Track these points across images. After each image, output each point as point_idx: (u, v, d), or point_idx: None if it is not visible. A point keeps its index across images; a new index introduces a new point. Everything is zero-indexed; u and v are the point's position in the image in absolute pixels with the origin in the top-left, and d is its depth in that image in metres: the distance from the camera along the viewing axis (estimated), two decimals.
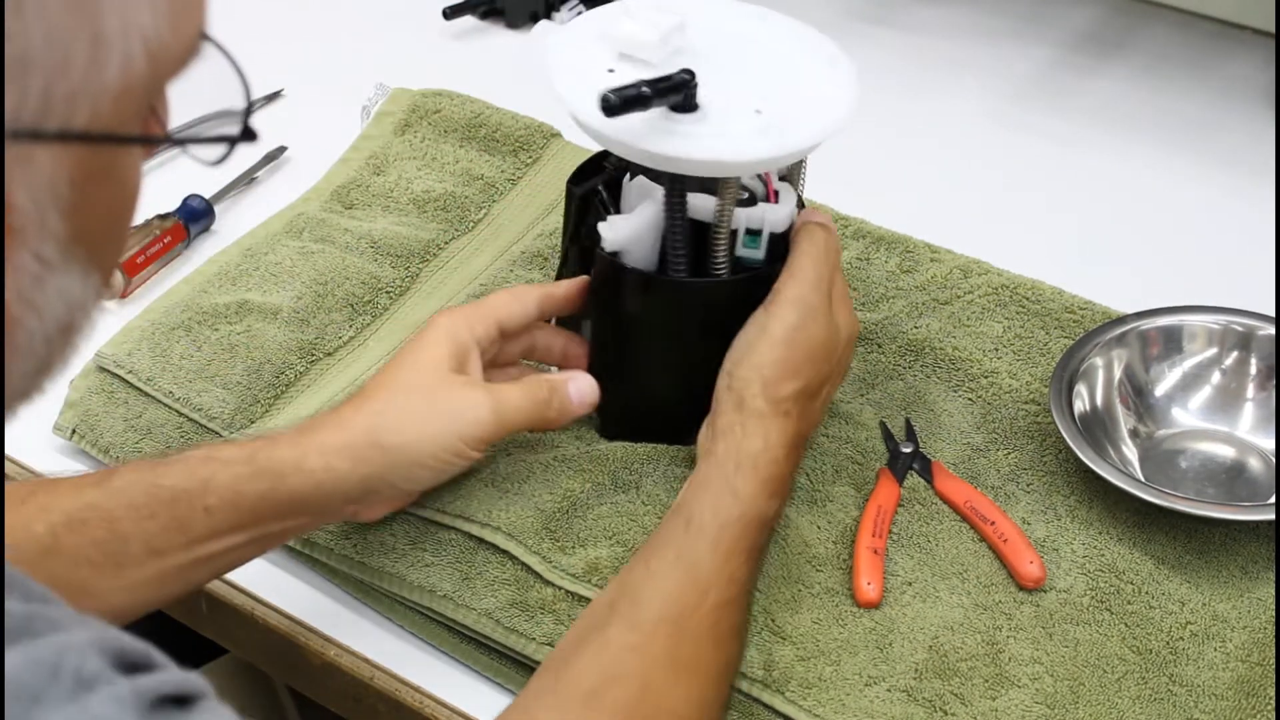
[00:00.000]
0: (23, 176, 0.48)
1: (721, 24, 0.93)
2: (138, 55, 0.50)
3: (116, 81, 0.50)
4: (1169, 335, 0.99)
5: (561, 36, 0.91)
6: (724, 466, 0.84)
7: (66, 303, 0.52)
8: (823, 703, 0.82)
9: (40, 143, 0.48)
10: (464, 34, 1.43)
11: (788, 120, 0.87)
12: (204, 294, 1.06)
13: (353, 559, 0.91)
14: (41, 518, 0.80)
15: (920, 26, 1.41)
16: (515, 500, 0.91)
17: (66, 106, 0.49)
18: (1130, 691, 0.84)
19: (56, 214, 0.50)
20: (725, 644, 0.81)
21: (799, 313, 0.87)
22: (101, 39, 0.49)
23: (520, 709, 0.77)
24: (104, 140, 0.51)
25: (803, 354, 0.87)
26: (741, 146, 0.85)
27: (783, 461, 0.86)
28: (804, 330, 0.87)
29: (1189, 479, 0.95)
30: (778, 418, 0.86)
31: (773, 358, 0.86)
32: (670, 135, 0.84)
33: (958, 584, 0.88)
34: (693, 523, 0.82)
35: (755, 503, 0.84)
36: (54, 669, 0.49)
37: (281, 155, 1.25)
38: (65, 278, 0.52)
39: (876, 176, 1.20)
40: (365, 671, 0.90)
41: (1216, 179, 1.24)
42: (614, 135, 0.85)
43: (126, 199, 0.54)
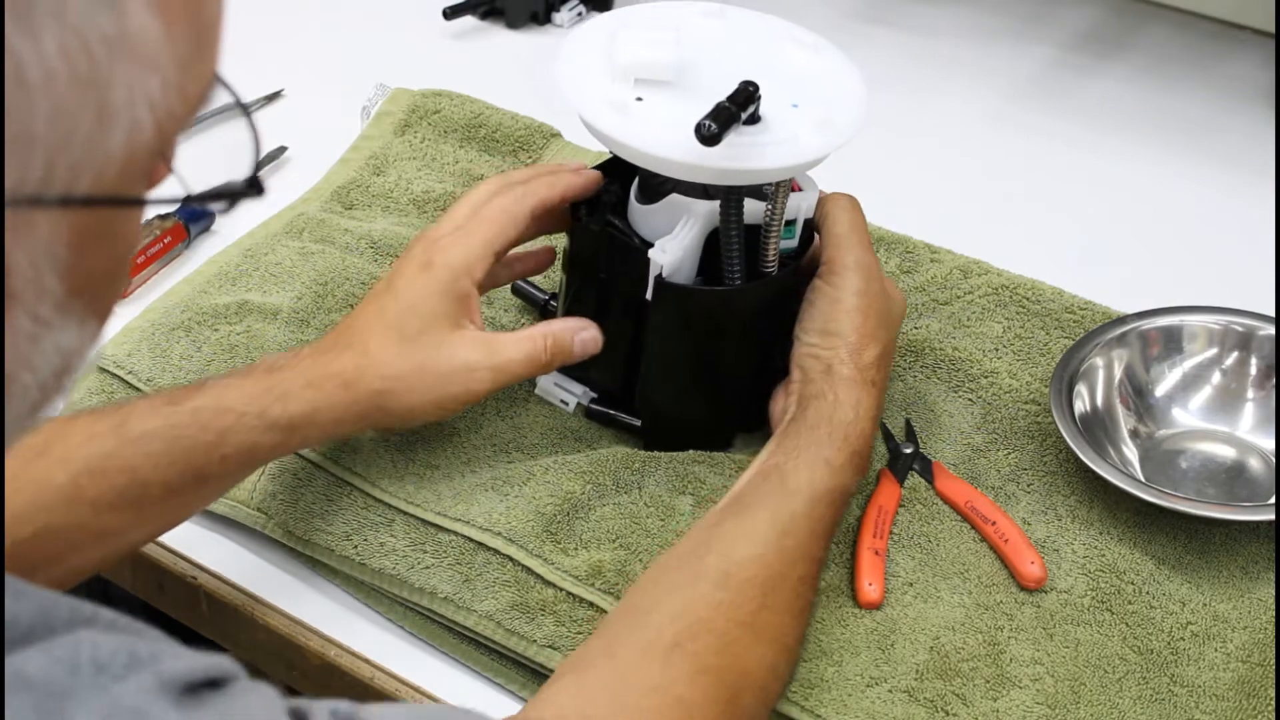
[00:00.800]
0: (22, 241, 0.48)
1: (692, 26, 0.92)
2: (145, 123, 0.50)
3: (121, 149, 0.49)
4: (1169, 335, 0.99)
5: (585, 88, 0.88)
6: (817, 432, 0.86)
7: (63, 354, 0.52)
8: (825, 703, 0.82)
9: (41, 208, 0.48)
10: (464, 34, 1.43)
11: (829, 108, 0.87)
12: (204, 294, 1.06)
13: (353, 560, 0.91)
14: (62, 468, 0.82)
15: (920, 26, 1.41)
16: (516, 503, 0.91)
17: (69, 175, 0.48)
18: (1131, 692, 0.84)
19: (54, 275, 0.50)
20: (800, 619, 0.83)
21: (862, 275, 0.89)
22: (108, 111, 0.48)
23: (603, 646, 0.78)
24: (107, 204, 0.51)
25: (875, 317, 0.89)
26: (805, 145, 0.85)
27: (869, 434, 0.87)
28: (870, 293, 0.89)
29: (1189, 479, 0.95)
30: (865, 386, 0.87)
31: (852, 324, 0.88)
32: (740, 148, 0.84)
33: (959, 584, 0.88)
34: (788, 485, 0.84)
35: (844, 475, 0.85)
36: (73, 664, 0.49)
37: (281, 155, 1.25)
38: (62, 334, 0.52)
39: (876, 176, 1.20)
40: (365, 671, 0.90)
41: (1216, 179, 1.24)
42: (708, 163, 0.83)
43: (125, 250, 0.54)
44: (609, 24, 0.92)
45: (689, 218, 0.89)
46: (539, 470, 0.93)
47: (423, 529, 0.91)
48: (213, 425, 0.84)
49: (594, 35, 0.91)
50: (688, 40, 0.90)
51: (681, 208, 0.89)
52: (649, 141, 0.84)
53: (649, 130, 0.84)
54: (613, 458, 0.93)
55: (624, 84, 0.87)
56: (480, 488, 0.92)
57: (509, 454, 0.94)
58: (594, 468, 0.93)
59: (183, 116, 0.52)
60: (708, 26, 0.93)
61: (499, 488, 0.92)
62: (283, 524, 0.94)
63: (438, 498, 0.92)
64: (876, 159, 1.22)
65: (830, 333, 0.89)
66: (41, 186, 0.48)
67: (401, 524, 0.91)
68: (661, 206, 0.90)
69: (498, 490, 0.92)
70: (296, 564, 0.95)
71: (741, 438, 0.97)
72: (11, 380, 0.50)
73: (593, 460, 0.93)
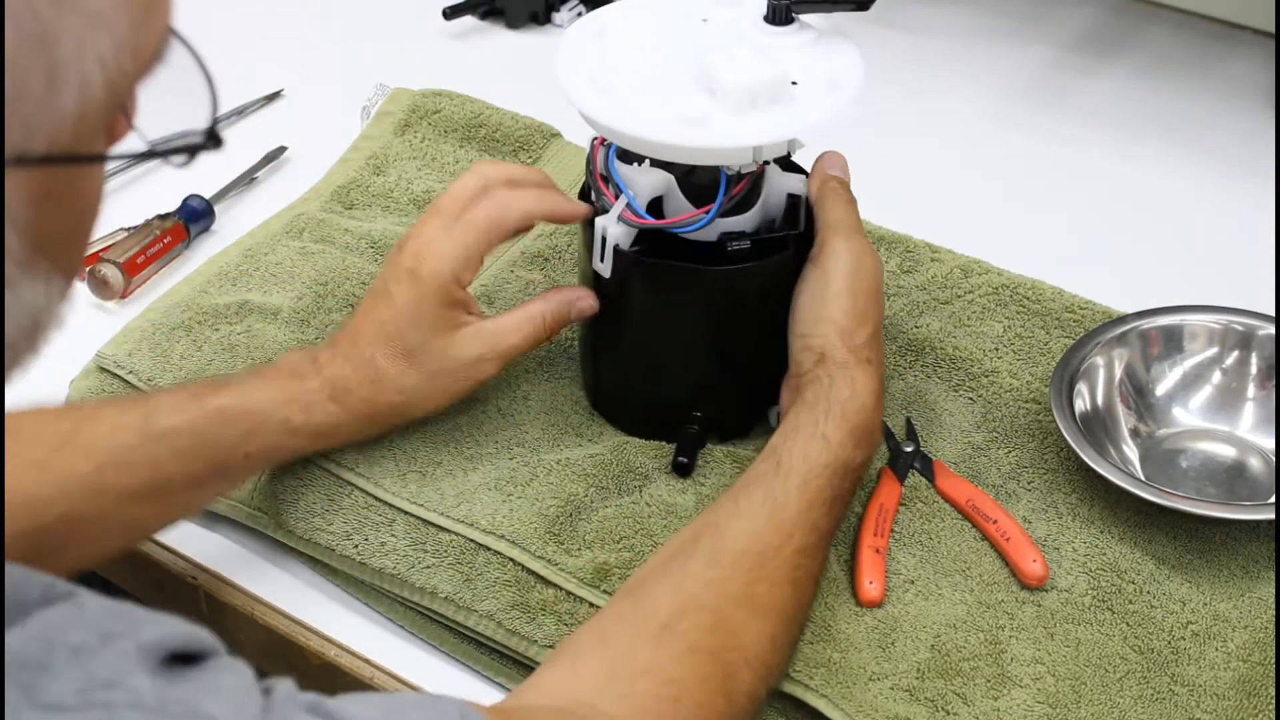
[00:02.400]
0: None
1: (648, 15, 0.93)
2: (96, 81, 0.50)
3: (74, 107, 0.50)
4: (1169, 335, 0.99)
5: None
6: (814, 411, 0.86)
7: (30, 312, 0.53)
8: (830, 683, 0.82)
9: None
10: (464, 34, 1.43)
11: (830, 75, 0.87)
12: (204, 294, 1.06)
13: (353, 560, 0.91)
14: (87, 458, 0.83)
15: (920, 26, 1.41)
16: (519, 504, 0.91)
17: (23, 134, 0.49)
18: (1132, 691, 0.83)
19: (15, 234, 0.50)
20: (801, 588, 0.83)
21: (852, 257, 0.90)
22: (58, 69, 0.49)
23: (596, 632, 0.79)
24: (63, 162, 0.51)
25: (866, 297, 0.89)
26: (827, 113, 0.86)
27: (872, 409, 0.88)
28: (860, 274, 0.89)
29: (1189, 478, 0.95)
30: (860, 365, 0.88)
31: (843, 308, 0.89)
32: (773, 124, 0.85)
33: (960, 582, 0.88)
34: (782, 465, 0.84)
35: (843, 450, 0.85)
36: (48, 644, 0.50)
37: (281, 155, 1.25)
38: (27, 290, 0.52)
39: (876, 176, 1.20)
40: (365, 671, 0.90)
41: (1216, 179, 1.24)
42: (738, 143, 0.85)
43: (88, 208, 0.55)
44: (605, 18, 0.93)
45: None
46: (542, 471, 0.93)
47: (423, 529, 0.91)
48: (237, 425, 0.87)
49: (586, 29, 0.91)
50: (646, 29, 0.91)
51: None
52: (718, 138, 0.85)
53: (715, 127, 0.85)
54: (615, 459, 0.93)
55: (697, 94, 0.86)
56: (483, 487, 0.92)
57: (510, 450, 0.94)
58: (597, 469, 0.93)
59: (135, 73, 0.52)
60: (655, 13, 0.93)
61: (502, 487, 0.92)
62: (283, 524, 0.94)
63: (440, 497, 0.92)
64: (876, 159, 1.22)
65: (821, 319, 0.89)
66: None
67: (402, 523, 0.91)
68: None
69: (500, 490, 0.92)
70: (296, 564, 0.95)
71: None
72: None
73: (595, 462, 0.93)
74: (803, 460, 0.84)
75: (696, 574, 0.80)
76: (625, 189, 0.88)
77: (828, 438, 0.85)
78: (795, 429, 0.86)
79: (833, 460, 0.85)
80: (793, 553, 0.82)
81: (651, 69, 0.88)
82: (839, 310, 0.89)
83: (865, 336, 0.89)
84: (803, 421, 0.87)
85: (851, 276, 0.89)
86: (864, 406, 0.87)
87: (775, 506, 0.83)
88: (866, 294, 0.90)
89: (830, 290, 0.89)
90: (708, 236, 0.89)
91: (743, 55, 0.86)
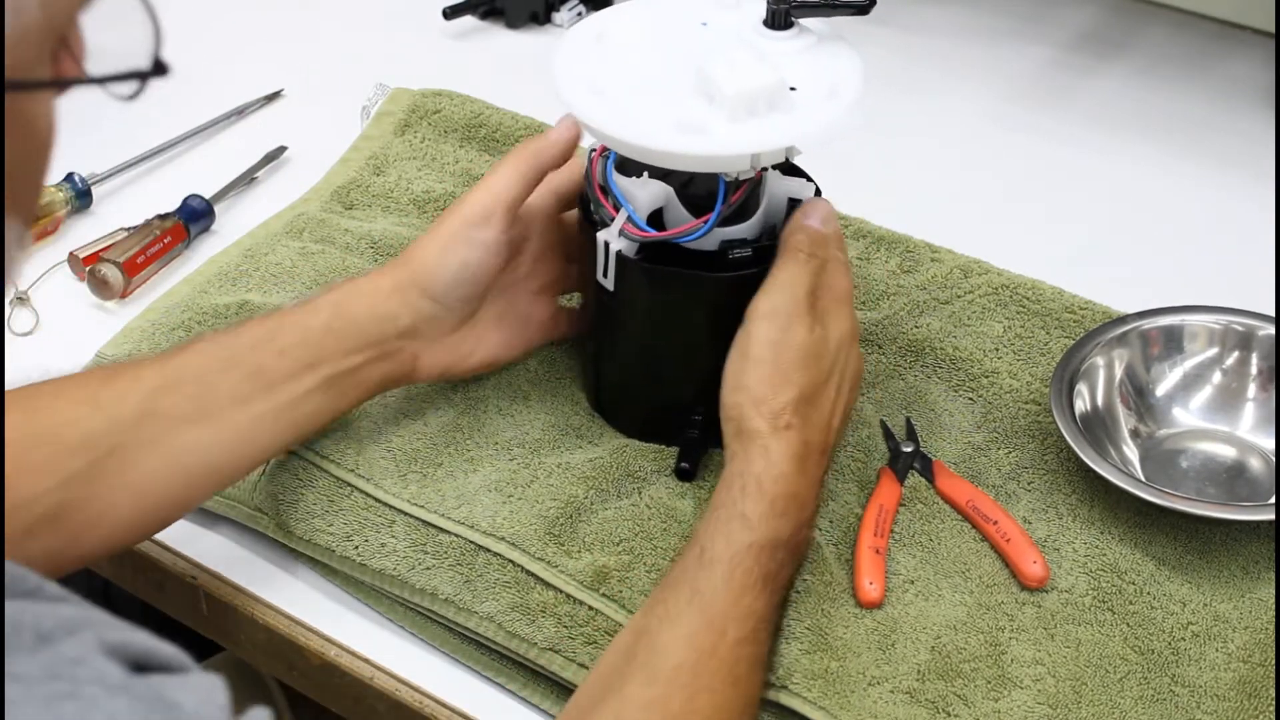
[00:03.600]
0: None
1: (648, 19, 0.93)
2: (29, 4, 0.50)
3: (9, 31, 0.49)
4: (1170, 335, 0.99)
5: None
6: (731, 489, 0.83)
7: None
8: (828, 695, 0.82)
9: None
10: (464, 34, 1.43)
11: (830, 82, 0.87)
12: (204, 294, 1.06)
13: (354, 561, 0.91)
14: (134, 387, 0.85)
15: (920, 26, 1.41)
16: (520, 506, 0.91)
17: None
18: (1132, 692, 0.83)
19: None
20: (744, 681, 0.80)
21: (774, 324, 0.86)
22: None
23: None
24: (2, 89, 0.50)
25: (789, 362, 0.86)
26: (826, 120, 0.86)
27: (792, 477, 0.83)
28: (784, 340, 0.86)
29: (1190, 479, 0.95)
30: (777, 432, 0.84)
31: (758, 375, 0.85)
32: (772, 131, 0.85)
33: (960, 583, 0.88)
34: (705, 554, 0.81)
35: (766, 526, 0.81)
36: (16, 625, 0.50)
37: (281, 155, 1.25)
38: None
39: (876, 176, 1.20)
40: (365, 671, 0.90)
41: (1216, 179, 1.24)
42: (747, 150, 0.85)
43: (37, 143, 0.54)
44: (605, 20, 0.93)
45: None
46: (542, 473, 0.93)
47: (424, 530, 0.91)
48: (266, 324, 0.89)
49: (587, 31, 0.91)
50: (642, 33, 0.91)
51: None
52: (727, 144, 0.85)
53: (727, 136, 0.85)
54: (614, 462, 0.93)
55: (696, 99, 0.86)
56: (483, 489, 0.92)
57: (510, 451, 0.94)
58: (597, 472, 0.93)
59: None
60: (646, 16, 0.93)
61: (502, 489, 0.92)
62: (283, 524, 0.94)
63: (440, 498, 0.92)
64: (876, 159, 1.22)
65: (737, 388, 0.86)
66: None
67: (402, 525, 0.91)
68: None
69: (500, 491, 0.92)
70: (296, 564, 0.95)
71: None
72: None
73: (595, 465, 0.93)
74: (725, 546, 0.81)
75: (635, 697, 0.77)
76: (625, 202, 0.88)
77: (747, 516, 0.82)
78: (714, 511, 0.83)
79: (757, 539, 0.81)
80: (730, 647, 0.79)
81: (650, 74, 0.88)
82: (754, 378, 0.85)
83: (785, 401, 0.85)
84: (721, 501, 0.83)
85: (772, 346, 0.86)
86: (782, 475, 0.83)
87: (704, 604, 0.79)
88: (793, 362, 0.86)
89: (748, 359, 0.86)
90: (709, 244, 0.89)
91: (741, 61, 0.85)
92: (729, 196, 0.88)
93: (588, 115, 0.87)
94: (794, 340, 0.86)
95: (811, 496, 0.85)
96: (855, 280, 1.06)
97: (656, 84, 0.88)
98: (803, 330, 0.86)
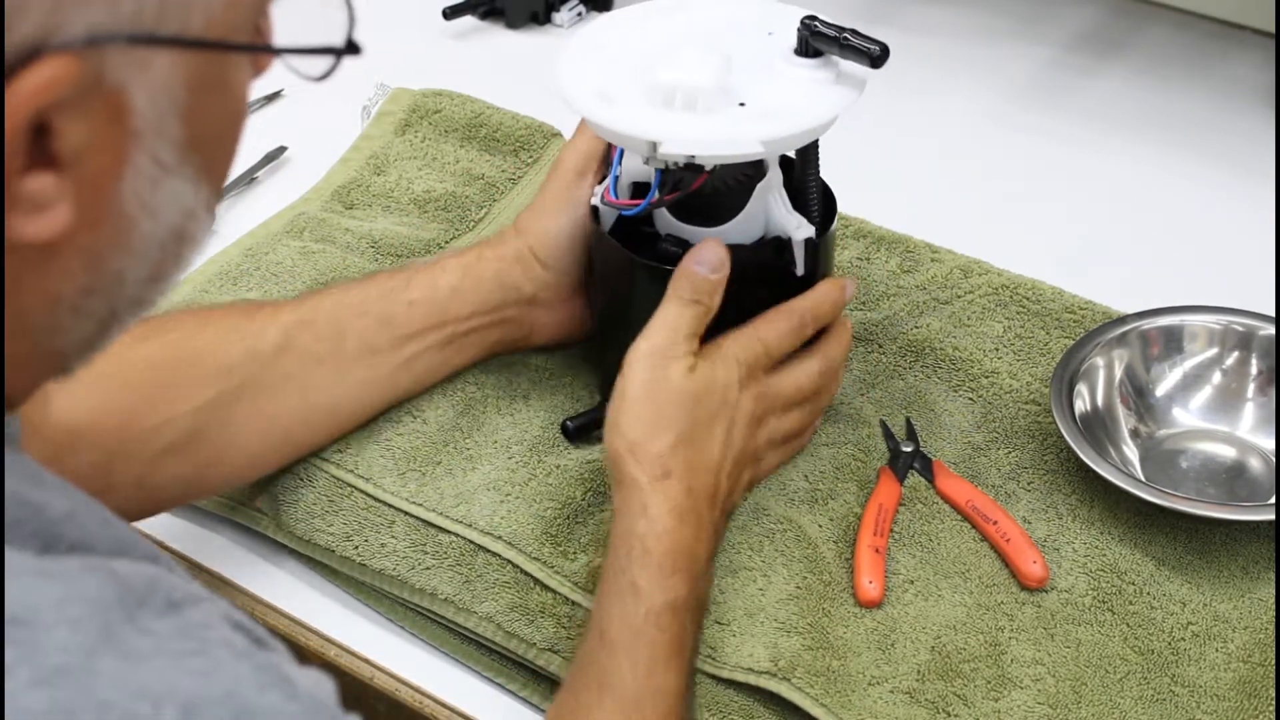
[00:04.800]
0: (141, 80, 0.51)
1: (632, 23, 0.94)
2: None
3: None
4: (1169, 335, 0.99)
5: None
6: (617, 555, 0.80)
7: (180, 208, 0.55)
8: (829, 693, 0.82)
9: (157, 47, 0.51)
10: (464, 34, 1.43)
11: (782, 107, 0.87)
12: (204, 294, 1.06)
13: (353, 561, 0.91)
14: (273, 322, 0.90)
15: (920, 26, 1.41)
16: (518, 505, 0.91)
17: (181, 13, 0.51)
18: (1132, 692, 0.83)
19: (175, 118, 0.52)
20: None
21: (650, 364, 0.84)
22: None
23: None
24: (217, 47, 0.53)
25: (666, 403, 0.83)
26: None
27: (676, 531, 0.80)
28: (660, 381, 0.83)
29: (1190, 479, 0.95)
30: (656, 481, 0.81)
31: (633, 417, 0.83)
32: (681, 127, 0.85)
33: (960, 583, 0.88)
34: (606, 637, 0.78)
35: (659, 591, 0.78)
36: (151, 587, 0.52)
37: (281, 155, 1.25)
38: (180, 182, 0.54)
39: (876, 176, 1.20)
40: (365, 671, 0.90)
41: (1216, 179, 1.24)
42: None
43: (237, 110, 0.57)
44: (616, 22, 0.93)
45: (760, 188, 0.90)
46: (540, 472, 0.93)
47: (423, 530, 0.91)
48: (398, 275, 0.94)
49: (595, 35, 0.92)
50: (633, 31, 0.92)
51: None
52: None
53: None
54: None
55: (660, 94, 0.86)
56: (482, 487, 0.92)
57: (509, 451, 0.94)
58: (594, 474, 0.93)
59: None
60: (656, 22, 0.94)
61: (500, 487, 0.92)
62: (283, 525, 0.94)
63: (439, 497, 0.92)
64: (877, 159, 1.22)
65: (614, 431, 0.83)
66: (156, 22, 0.50)
67: (402, 525, 0.91)
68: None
69: (499, 490, 0.92)
70: (296, 564, 0.95)
71: None
72: (133, 225, 0.53)
73: (592, 467, 0.93)
74: (621, 624, 0.78)
75: None
76: (613, 170, 0.91)
77: (638, 585, 0.78)
78: (606, 582, 0.80)
79: (652, 607, 0.78)
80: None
81: (646, 49, 0.89)
82: (629, 419, 0.83)
83: (664, 446, 0.82)
84: (611, 569, 0.80)
85: (647, 386, 0.83)
86: (666, 532, 0.80)
87: (613, 692, 0.76)
88: (669, 401, 0.83)
89: (625, 400, 0.83)
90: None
91: (692, 57, 0.86)
92: (677, 185, 0.88)
93: (561, 69, 0.89)
94: (670, 381, 0.83)
95: (703, 547, 0.82)
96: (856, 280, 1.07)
97: (629, 56, 0.89)
98: (679, 371, 0.84)
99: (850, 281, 0.93)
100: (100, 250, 0.53)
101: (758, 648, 0.84)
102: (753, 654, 0.83)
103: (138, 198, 0.52)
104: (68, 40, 0.48)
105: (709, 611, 0.85)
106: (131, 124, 0.51)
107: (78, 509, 0.54)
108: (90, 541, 0.53)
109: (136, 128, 0.51)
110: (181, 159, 0.53)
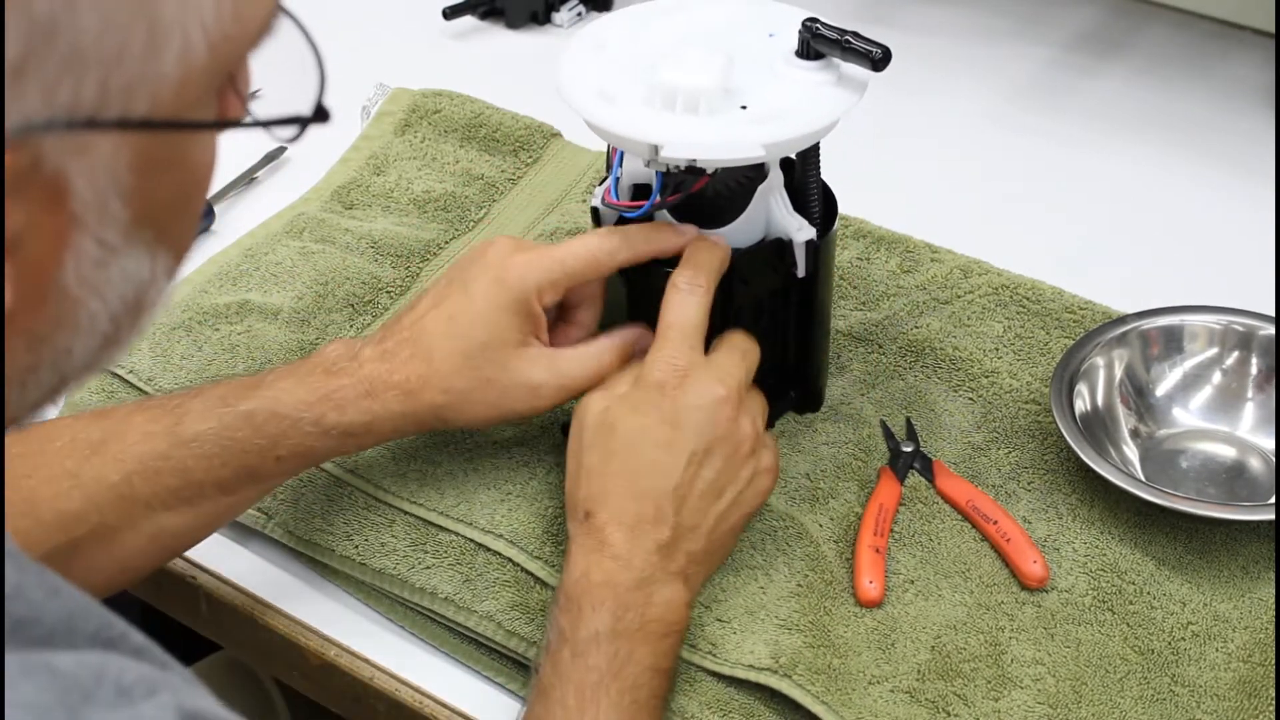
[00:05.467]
0: (81, 165, 0.49)
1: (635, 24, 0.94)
2: (198, 44, 0.50)
3: (175, 70, 0.49)
4: (1170, 335, 0.99)
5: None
6: (555, 608, 0.81)
7: (133, 283, 0.53)
8: (830, 691, 0.82)
9: (98, 131, 0.48)
10: (464, 34, 1.43)
11: (783, 109, 0.87)
12: (204, 294, 1.06)
13: (353, 560, 0.91)
14: (117, 467, 0.83)
15: (920, 26, 1.41)
16: (518, 504, 0.91)
17: (124, 96, 0.49)
18: (1132, 692, 0.83)
19: (118, 200, 0.50)
20: None
21: (592, 412, 0.85)
22: (158, 28, 0.48)
23: None
24: (165, 127, 0.51)
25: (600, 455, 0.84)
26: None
27: (596, 567, 0.81)
28: (595, 425, 0.85)
29: (1190, 479, 0.95)
30: (578, 525, 0.83)
31: (574, 464, 0.85)
32: (683, 130, 0.85)
33: (960, 583, 0.88)
34: (540, 686, 0.79)
35: (581, 629, 0.79)
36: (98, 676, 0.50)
37: (281, 155, 1.25)
38: (129, 260, 0.52)
39: (876, 176, 1.20)
40: (365, 671, 0.90)
41: (1216, 179, 1.24)
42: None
43: (196, 180, 0.55)
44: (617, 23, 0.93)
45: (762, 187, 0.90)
46: (541, 471, 0.93)
47: (423, 529, 0.91)
48: (266, 430, 0.84)
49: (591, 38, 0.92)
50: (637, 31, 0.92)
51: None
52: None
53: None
54: None
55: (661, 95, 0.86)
56: (483, 487, 0.92)
57: (510, 450, 0.94)
58: None
59: (239, 39, 0.52)
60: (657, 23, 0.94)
61: (501, 486, 0.92)
62: (283, 524, 0.94)
63: (439, 496, 0.92)
64: (877, 159, 1.22)
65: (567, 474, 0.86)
66: (96, 107, 0.48)
67: (402, 524, 0.91)
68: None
69: (500, 489, 0.92)
70: (297, 564, 0.95)
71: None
72: (78, 305, 0.51)
73: None
74: (551, 670, 0.78)
75: None
76: (614, 172, 0.90)
77: (561, 629, 0.79)
78: (545, 640, 0.81)
79: (576, 647, 0.78)
80: None
81: (634, 48, 0.89)
82: (570, 470, 0.85)
83: (583, 495, 0.83)
84: (550, 623, 0.81)
85: (583, 433, 0.85)
86: (582, 575, 0.81)
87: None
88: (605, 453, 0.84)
89: (570, 453, 0.86)
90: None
91: (693, 59, 0.86)
92: (678, 188, 0.87)
93: (563, 68, 0.89)
94: (615, 424, 0.84)
95: (629, 574, 0.81)
96: (856, 280, 1.07)
97: (632, 56, 0.89)
98: (623, 409, 0.84)
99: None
100: (43, 332, 0.51)
101: (759, 645, 0.84)
102: (754, 651, 0.83)
103: (82, 279, 0.51)
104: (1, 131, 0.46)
105: (709, 609, 0.86)
106: (71, 208, 0.49)
107: (26, 581, 0.51)
108: (36, 615, 0.50)
109: (76, 212, 0.49)
110: (129, 238, 0.51)
